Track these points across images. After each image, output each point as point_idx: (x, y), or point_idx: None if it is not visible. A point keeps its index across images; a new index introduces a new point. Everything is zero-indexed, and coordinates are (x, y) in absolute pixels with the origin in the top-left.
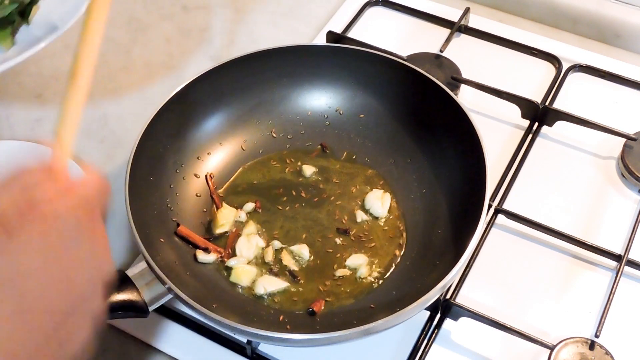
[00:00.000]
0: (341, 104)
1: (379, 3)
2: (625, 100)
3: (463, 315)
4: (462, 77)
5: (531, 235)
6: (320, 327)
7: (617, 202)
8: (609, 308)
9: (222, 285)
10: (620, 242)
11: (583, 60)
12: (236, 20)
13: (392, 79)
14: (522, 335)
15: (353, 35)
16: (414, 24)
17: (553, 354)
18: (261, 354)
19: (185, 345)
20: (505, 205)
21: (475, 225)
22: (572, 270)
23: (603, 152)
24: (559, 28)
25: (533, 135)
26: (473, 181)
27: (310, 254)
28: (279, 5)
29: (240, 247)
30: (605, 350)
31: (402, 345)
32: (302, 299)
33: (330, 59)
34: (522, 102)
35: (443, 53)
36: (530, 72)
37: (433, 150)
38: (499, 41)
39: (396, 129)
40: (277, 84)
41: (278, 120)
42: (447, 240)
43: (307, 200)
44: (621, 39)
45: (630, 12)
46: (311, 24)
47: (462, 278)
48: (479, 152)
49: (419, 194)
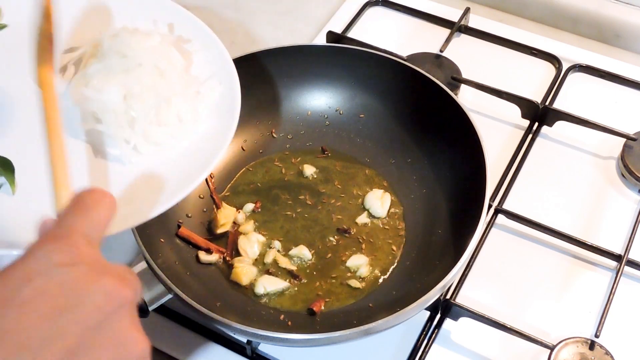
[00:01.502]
0: (341, 104)
1: (379, 3)
2: (625, 100)
3: (463, 315)
4: (462, 77)
5: (531, 235)
6: (320, 327)
7: (617, 202)
8: (609, 308)
9: (222, 286)
10: (620, 242)
11: (583, 60)
12: (236, 20)
13: (392, 79)
14: (522, 335)
15: (353, 35)
16: (414, 24)
17: (553, 354)
18: (261, 354)
19: (185, 345)
20: (505, 205)
21: (475, 225)
22: (572, 270)
23: (603, 152)
24: (559, 28)
25: (533, 135)
26: (473, 181)
27: (311, 254)
28: (279, 5)
29: (243, 247)
30: (605, 350)
31: (402, 345)
32: (302, 299)
33: (330, 59)
34: (522, 102)
35: (443, 53)
36: (530, 72)
37: (433, 150)
38: (499, 41)
39: (396, 129)
40: (277, 84)
41: (278, 120)
42: (447, 240)
43: (307, 201)
44: (621, 39)
45: (630, 12)
46: (311, 24)
47: (462, 278)
48: (479, 152)
49: (419, 194)
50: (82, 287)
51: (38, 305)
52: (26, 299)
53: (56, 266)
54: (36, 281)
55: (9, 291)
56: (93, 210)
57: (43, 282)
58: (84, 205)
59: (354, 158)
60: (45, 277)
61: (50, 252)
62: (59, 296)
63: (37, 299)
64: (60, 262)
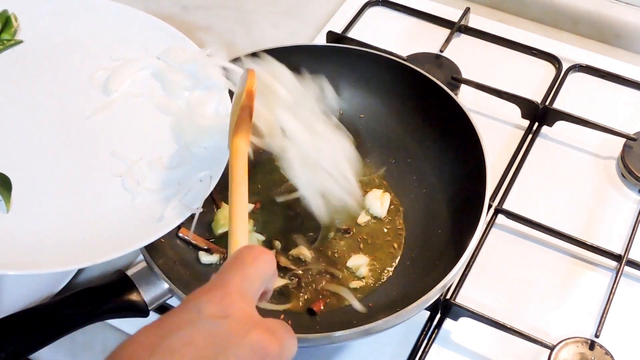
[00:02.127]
0: (341, 104)
1: (379, 3)
2: (625, 100)
3: (463, 315)
4: (462, 77)
5: (531, 235)
6: (320, 327)
7: (617, 202)
8: (609, 308)
9: None
10: (620, 242)
11: (583, 60)
12: (236, 20)
13: (392, 79)
14: (522, 335)
15: (353, 35)
16: (414, 24)
17: (553, 354)
18: None
19: None
20: (505, 205)
21: (475, 225)
22: (572, 270)
23: (603, 152)
24: (559, 28)
25: (533, 135)
26: (473, 181)
27: (310, 254)
28: (279, 5)
29: None
30: (605, 350)
31: (402, 345)
32: (302, 298)
33: (330, 59)
34: (522, 102)
35: (443, 53)
36: (530, 72)
37: (433, 151)
38: (499, 41)
39: (396, 129)
40: None
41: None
42: (447, 240)
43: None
44: (621, 39)
45: (630, 12)
46: (311, 24)
47: (462, 278)
48: (479, 152)
49: (419, 194)
50: (229, 340)
51: (184, 353)
52: (174, 347)
53: (206, 318)
54: (185, 330)
55: (158, 338)
56: (250, 265)
57: (191, 332)
58: (241, 261)
59: None
60: (194, 327)
61: (202, 303)
62: (205, 347)
63: (184, 349)
64: (211, 314)
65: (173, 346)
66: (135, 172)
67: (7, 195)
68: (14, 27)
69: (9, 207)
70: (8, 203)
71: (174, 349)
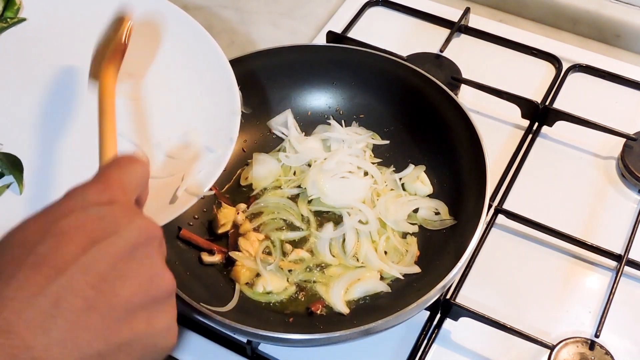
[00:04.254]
0: (341, 104)
1: (379, 3)
2: (625, 100)
3: (463, 315)
4: (462, 77)
5: (531, 235)
6: (320, 327)
7: (617, 202)
8: (609, 308)
9: (222, 286)
10: (620, 242)
11: (583, 60)
12: (236, 20)
13: (392, 79)
14: (522, 335)
15: (353, 35)
16: (414, 24)
17: (553, 354)
18: (261, 354)
19: (186, 345)
20: (505, 205)
21: (475, 225)
22: (572, 270)
23: (603, 152)
24: (559, 28)
25: (533, 135)
26: (473, 181)
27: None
28: (279, 5)
29: (243, 247)
30: (605, 350)
31: (402, 345)
32: (302, 299)
33: (330, 59)
34: (522, 102)
35: (443, 53)
36: (530, 72)
37: (433, 150)
38: (499, 41)
39: (396, 129)
40: (277, 84)
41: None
42: (447, 240)
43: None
44: (621, 39)
45: (630, 12)
46: (311, 24)
47: (462, 278)
48: (479, 152)
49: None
50: (117, 222)
51: (75, 235)
52: (64, 229)
53: (92, 204)
54: (73, 215)
55: (48, 223)
56: (129, 166)
57: (80, 216)
58: (118, 162)
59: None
60: (83, 213)
61: (87, 193)
62: (94, 229)
63: (74, 231)
64: (96, 201)
65: (64, 229)
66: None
67: (19, 177)
68: (17, 5)
69: (21, 188)
70: (21, 184)
71: (65, 232)
